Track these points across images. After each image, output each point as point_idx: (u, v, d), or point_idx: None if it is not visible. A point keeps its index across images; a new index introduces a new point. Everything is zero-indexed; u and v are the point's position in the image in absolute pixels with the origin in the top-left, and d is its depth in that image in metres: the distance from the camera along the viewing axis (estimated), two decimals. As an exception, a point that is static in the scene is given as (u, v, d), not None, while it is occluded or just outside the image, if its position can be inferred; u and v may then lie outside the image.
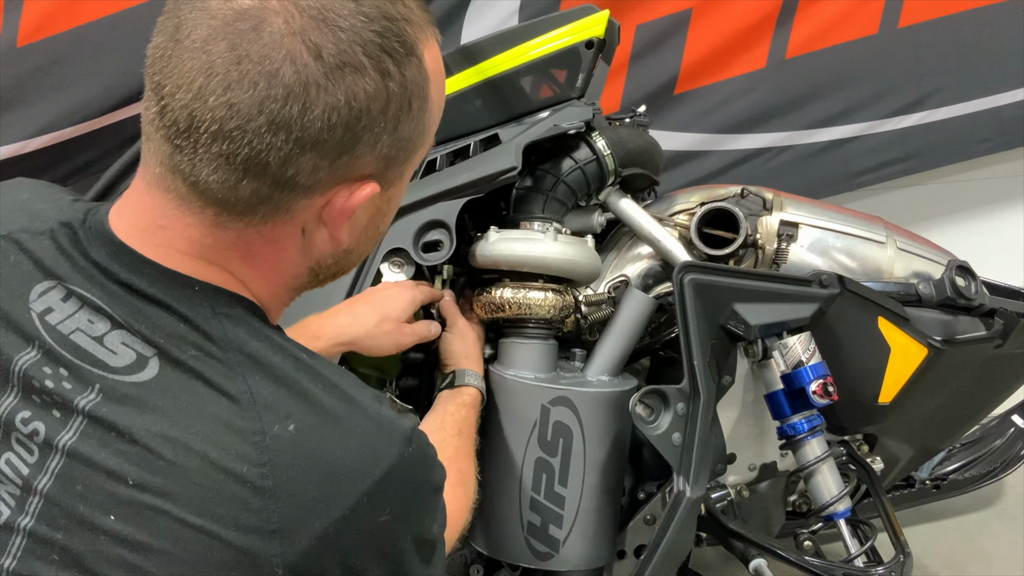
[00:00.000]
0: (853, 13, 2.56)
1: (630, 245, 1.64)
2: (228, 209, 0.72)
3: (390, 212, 0.84)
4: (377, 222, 0.82)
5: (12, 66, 2.14)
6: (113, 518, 0.66)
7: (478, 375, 1.39)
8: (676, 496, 1.35)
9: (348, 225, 0.78)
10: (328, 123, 0.68)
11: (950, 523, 2.29)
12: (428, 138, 0.79)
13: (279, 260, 0.77)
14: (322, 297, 1.40)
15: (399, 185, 0.81)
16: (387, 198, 0.80)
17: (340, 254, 0.81)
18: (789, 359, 1.45)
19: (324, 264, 0.81)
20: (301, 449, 0.69)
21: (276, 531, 0.67)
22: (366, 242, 0.84)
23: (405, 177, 0.81)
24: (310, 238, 0.77)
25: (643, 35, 2.51)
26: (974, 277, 1.62)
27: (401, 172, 0.79)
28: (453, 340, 1.42)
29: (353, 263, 0.85)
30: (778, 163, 2.64)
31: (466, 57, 1.55)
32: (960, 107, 2.65)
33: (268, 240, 0.75)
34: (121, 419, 0.68)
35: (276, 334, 0.77)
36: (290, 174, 0.70)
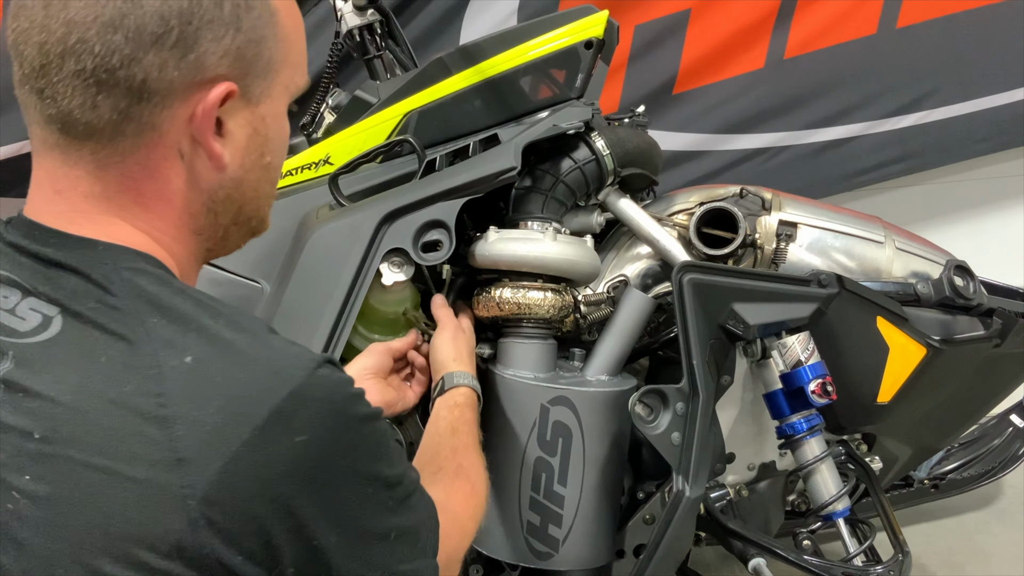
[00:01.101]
0: (851, 13, 2.57)
1: (629, 245, 1.64)
2: (100, 141, 0.74)
3: (273, 138, 0.82)
4: (259, 146, 0.80)
5: (8, 69, 2.14)
6: (28, 478, 0.65)
7: (468, 374, 1.35)
8: (675, 495, 1.36)
9: (225, 143, 0.78)
10: (162, 16, 0.71)
11: (949, 522, 2.29)
12: (291, 55, 0.80)
13: (169, 195, 0.77)
14: (316, 306, 1.40)
15: (270, 105, 0.80)
16: (260, 116, 0.79)
17: (229, 183, 0.80)
18: (788, 359, 1.46)
19: (217, 198, 0.80)
20: (198, 377, 0.68)
21: (180, 460, 0.65)
22: (254, 171, 0.81)
23: (276, 98, 0.80)
24: (191, 165, 0.77)
25: (642, 35, 2.51)
26: (972, 277, 1.62)
27: (268, 89, 0.79)
28: (441, 346, 1.38)
29: (249, 199, 0.83)
30: (777, 163, 2.64)
31: (465, 57, 1.55)
32: (958, 107, 2.66)
33: (150, 172, 0.76)
34: (29, 379, 0.68)
35: (177, 281, 0.77)
36: (140, 78, 0.71)
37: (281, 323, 1.42)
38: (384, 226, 1.42)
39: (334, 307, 1.41)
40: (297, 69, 0.82)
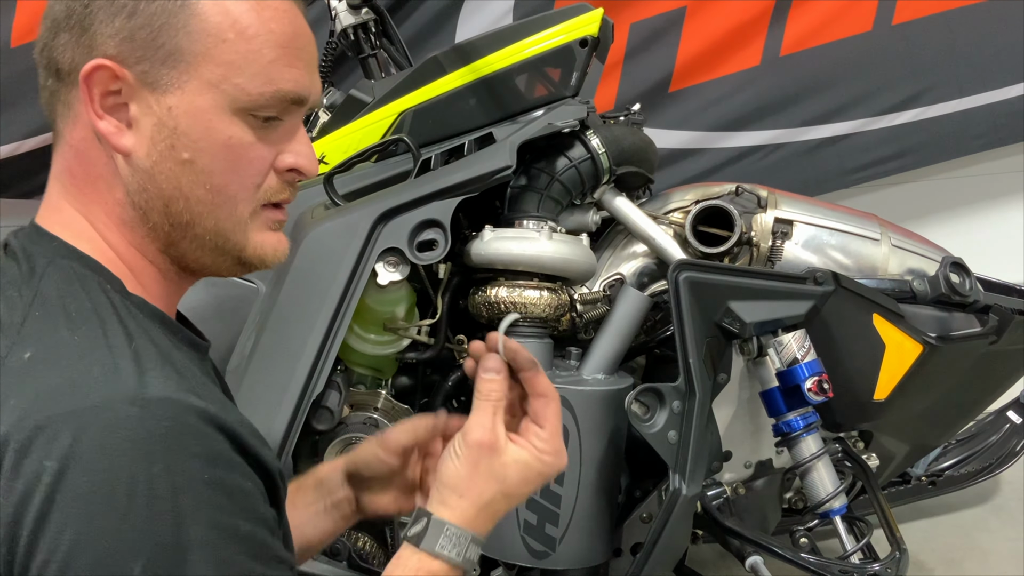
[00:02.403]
0: (847, 10, 2.57)
1: (625, 243, 1.64)
2: (52, 121, 0.81)
3: (188, 133, 0.78)
4: (168, 139, 0.77)
5: (6, 67, 2.14)
6: None
7: (463, 534, 0.88)
8: (672, 494, 1.36)
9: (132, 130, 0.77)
10: (68, 3, 0.77)
11: (946, 519, 2.29)
12: (217, 53, 0.77)
13: (93, 177, 0.80)
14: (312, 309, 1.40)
15: (183, 98, 0.77)
16: (167, 107, 0.77)
17: (140, 174, 0.78)
18: (784, 356, 1.46)
19: (132, 187, 0.79)
20: (19, 375, 0.68)
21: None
22: (166, 164, 0.78)
23: (194, 92, 0.77)
24: (106, 151, 0.79)
25: (637, 33, 2.51)
26: (968, 274, 1.62)
27: (177, 80, 0.77)
28: (448, 458, 0.90)
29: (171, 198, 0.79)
30: (773, 160, 2.64)
31: (460, 56, 1.55)
32: (954, 104, 2.66)
33: (77, 153, 0.80)
34: None
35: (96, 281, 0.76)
36: (55, 58, 0.78)
37: (277, 323, 1.42)
38: (379, 225, 1.42)
39: (329, 307, 1.41)
40: (235, 69, 0.77)
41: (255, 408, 1.37)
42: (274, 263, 0.85)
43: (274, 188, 0.83)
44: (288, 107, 0.81)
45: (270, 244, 0.84)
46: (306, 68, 0.82)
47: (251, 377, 1.41)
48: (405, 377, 1.61)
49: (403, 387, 1.61)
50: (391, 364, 1.57)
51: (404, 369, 1.61)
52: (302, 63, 0.81)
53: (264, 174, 0.82)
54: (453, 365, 1.61)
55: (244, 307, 1.50)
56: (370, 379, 1.57)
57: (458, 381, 1.61)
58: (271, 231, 0.84)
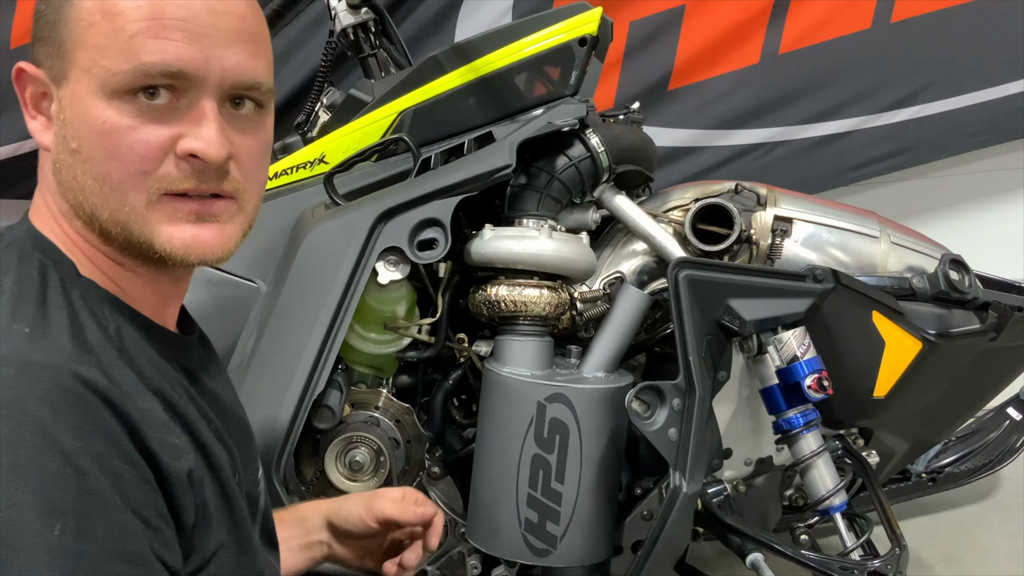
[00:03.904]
0: (846, 8, 2.57)
1: (625, 242, 1.64)
2: None
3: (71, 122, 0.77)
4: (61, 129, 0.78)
5: (5, 68, 2.14)
6: None
7: None
8: (672, 491, 1.36)
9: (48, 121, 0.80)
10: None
11: (946, 516, 2.30)
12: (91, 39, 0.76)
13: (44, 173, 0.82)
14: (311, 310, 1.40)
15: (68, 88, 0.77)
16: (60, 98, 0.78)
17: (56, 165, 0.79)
18: (784, 354, 1.46)
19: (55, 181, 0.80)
20: None
21: None
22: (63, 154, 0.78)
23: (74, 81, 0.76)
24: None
25: (636, 32, 2.51)
26: (968, 271, 1.62)
27: (64, 71, 0.77)
28: None
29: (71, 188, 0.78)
30: (772, 158, 2.64)
31: (459, 55, 1.55)
32: (953, 101, 2.66)
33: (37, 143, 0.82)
34: None
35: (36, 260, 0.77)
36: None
37: (278, 323, 1.42)
38: (380, 225, 1.43)
39: (330, 306, 1.41)
40: (104, 53, 0.75)
41: (257, 407, 1.37)
42: (195, 258, 0.79)
43: (173, 175, 0.77)
44: (173, 84, 0.76)
45: (181, 237, 0.78)
46: (192, 44, 0.75)
47: (252, 376, 1.42)
48: (406, 376, 1.62)
49: (404, 386, 1.62)
50: (392, 363, 1.58)
51: (405, 368, 1.61)
52: (178, 33, 0.75)
53: (152, 160, 0.76)
54: (453, 364, 1.61)
55: (245, 307, 1.50)
56: (371, 378, 1.58)
57: (459, 380, 1.61)
58: (187, 223, 0.78)
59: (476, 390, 1.57)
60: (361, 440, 1.50)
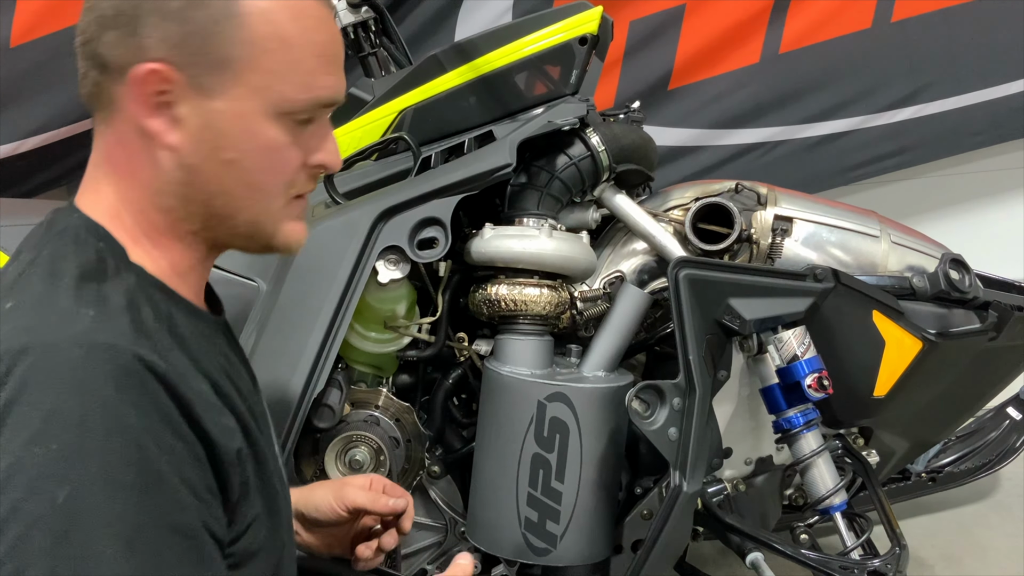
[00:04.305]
0: (846, 7, 2.56)
1: (625, 241, 1.64)
2: (94, 110, 0.85)
3: (233, 136, 0.82)
4: (214, 140, 0.82)
5: (5, 67, 2.14)
6: None
7: None
8: (673, 491, 1.36)
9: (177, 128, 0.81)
10: (116, 3, 0.80)
11: (946, 515, 2.30)
12: (267, 65, 0.81)
13: (135, 168, 0.83)
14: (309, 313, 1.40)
15: (230, 103, 0.81)
16: (216, 110, 0.81)
17: (184, 169, 0.82)
18: (784, 353, 1.46)
19: (175, 179, 0.83)
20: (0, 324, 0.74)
21: None
22: (211, 164, 0.83)
23: (240, 98, 0.81)
24: (151, 144, 0.82)
25: (637, 31, 2.51)
26: (968, 270, 1.62)
27: (224, 86, 0.81)
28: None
29: (214, 193, 0.84)
30: (772, 158, 2.64)
31: (460, 54, 1.55)
32: (953, 101, 2.65)
33: (120, 143, 0.84)
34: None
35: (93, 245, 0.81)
36: (101, 52, 0.81)
37: (278, 322, 1.42)
38: (380, 224, 1.43)
39: (330, 305, 1.41)
40: (279, 77, 0.82)
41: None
42: (298, 249, 0.91)
43: (302, 182, 0.88)
44: (321, 109, 0.86)
45: (296, 232, 0.90)
46: (338, 72, 0.86)
47: (252, 375, 1.41)
48: (406, 375, 1.62)
49: (404, 385, 1.62)
50: (392, 362, 1.58)
51: (405, 367, 1.61)
52: (335, 68, 0.86)
53: (296, 171, 0.87)
54: (454, 363, 1.61)
55: (244, 306, 1.50)
56: (371, 377, 1.58)
57: (459, 379, 1.61)
58: (297, 220, 0.90)
59: (476, 389, 1.57)
60: (361, 439, 1.50)
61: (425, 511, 1.62)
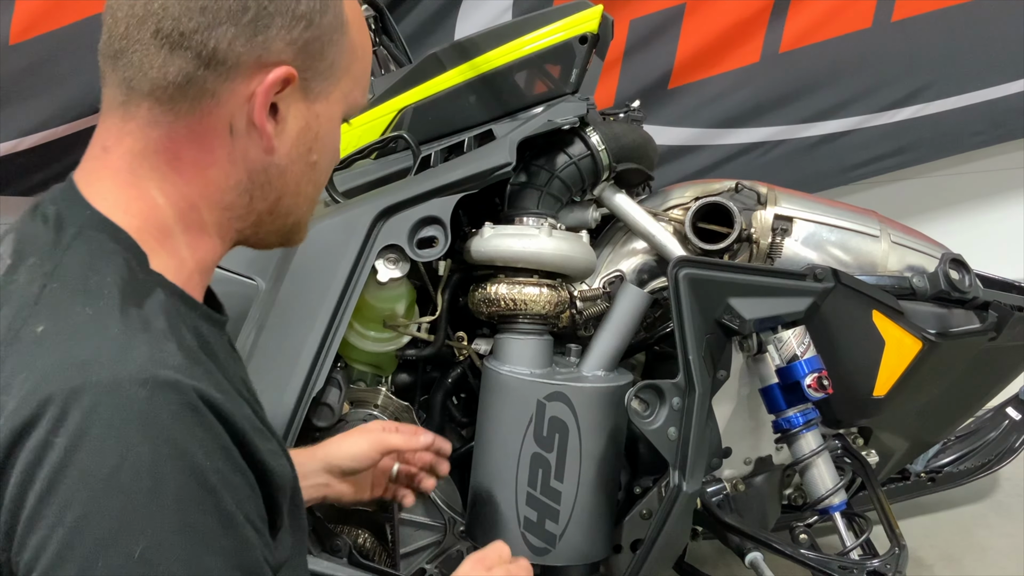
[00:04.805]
0: (847, 7, 2.57)
1: (625, 240, 1.64)
2: (160, 99, 0.77)
3: (323, 138, 0.85)
4: (309, 142, 0.83)
5: (4, 65, 2.14)
6: None
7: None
8: (672, 490, 1.36)
9: (277, 129, 0.80)
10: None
11: (945, 515, 2.30)
12: (354, 68, 0.85)
13: (206, 163, 0.80)
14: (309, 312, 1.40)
15: (327, 107, 0.84)
16: (315, 113, 0.83)
17: (272, 169, 0.82)
18: (784, 353, 1.46)
19: (257, 180, 0.82)
20: (32, 349, 0.68)
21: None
22: (299, 165, 0.83)
23: (334, 102, 0.84)
24: (238, 141, 0.80)
25: (637, 30, 2.51)
26: (968, 270, 1.62)
27: (327, 90, 0.83)
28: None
29: (289, 192, 0.84)
30: (772, 157, 2.64)
31: (460, 53, 1.55)
32: (953, 100, 2.66)
33: (195, 137, 0.79)
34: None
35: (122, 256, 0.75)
36: (211, 46, 0.76)
37: (277, 320, 1.42)
38: (379, 222, 1.42)
39: (330, 304, 1.41)
40: (358, 84, 0.86)
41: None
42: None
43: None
44: None
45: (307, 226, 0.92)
46: None
47: (251, 374, 1.40)
48: (405, 374, 1.61)
49: (403, 384, 1.61)
50: (391, 361, 1.58)
51: (404, 366, 1.61)
52: None
53: None
54: (453, 362, 1.61)
55: (243, 304, 1.50)
56: (370, 376, 1.57)
57: (458, 378, 1.61)
58: None
59: (475, 388, 1.57)
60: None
61: (424, 510, 1.62)
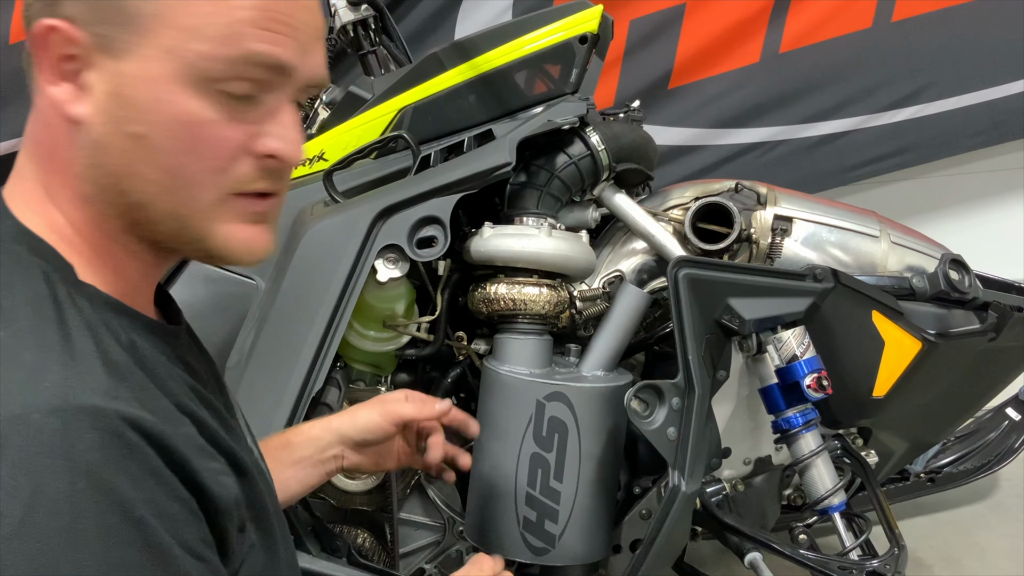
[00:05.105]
0: (847, 7, 2.57)
1: (624, 240, 1.64)
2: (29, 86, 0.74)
3: (142, 105, 0.70)
4: (121, 109, 0.70)
5: (5, 63, 2.14)
6: None
7: None
8: (671, 491, 1.36)
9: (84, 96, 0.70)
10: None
11: (945, 516, 2.30)
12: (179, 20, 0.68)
13: (53, 148, 0.73)
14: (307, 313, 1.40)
15: (140, 65, 0.69)
16: (124, 74, 0.69)
17: (90, 145, 0.71)
18: (783, 353, 1.46)
19: (84, 160, 0.72)
20: None
21: None
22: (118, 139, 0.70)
23: (150, 59, 0.69)
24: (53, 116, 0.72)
25: (637, 30, 2.51)
26: (967, 270, 1.62)
27: (134, 46, 0.69)
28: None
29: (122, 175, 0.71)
30: (772, 157, 2.64)
31: (459, 53, 1.55)
32: (953, 101, 2.66)
33: (40, 119, 0.74)
34: None
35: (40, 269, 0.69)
36: (27, 17, 0.72)
37: (276, 320, 1.42)
38: (379, 222, 1.42)
39: (329, 304, 1.41)
40: (199, 35, 0.68)
41: (255, 405, 1.37)
42: (248, 260, 0.76)
43: (248, 175, 0.73)
44: (266, 79, 0.71)
45: (240, 238, 0.74)
46: (293, 38, 0.72)
47: (251, 374, 1.41)
48: (404, 374, 1.61)
49: (403, 383, 1.61)
50: (391, 361, 1.58)
51: (403, 366, 1.61)
52: (288, 30, 0.71)
53: (231, 158, 0.72)
54: (452, 362, 1.61)
55: (243, 303, 1.50)
56: (369, 376, 1.57)
57: (458, 378, 1.61)
58: (246, 223, 0.74)
59: (475, 388, 1.57)
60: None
61: (423, 510, 1.62)
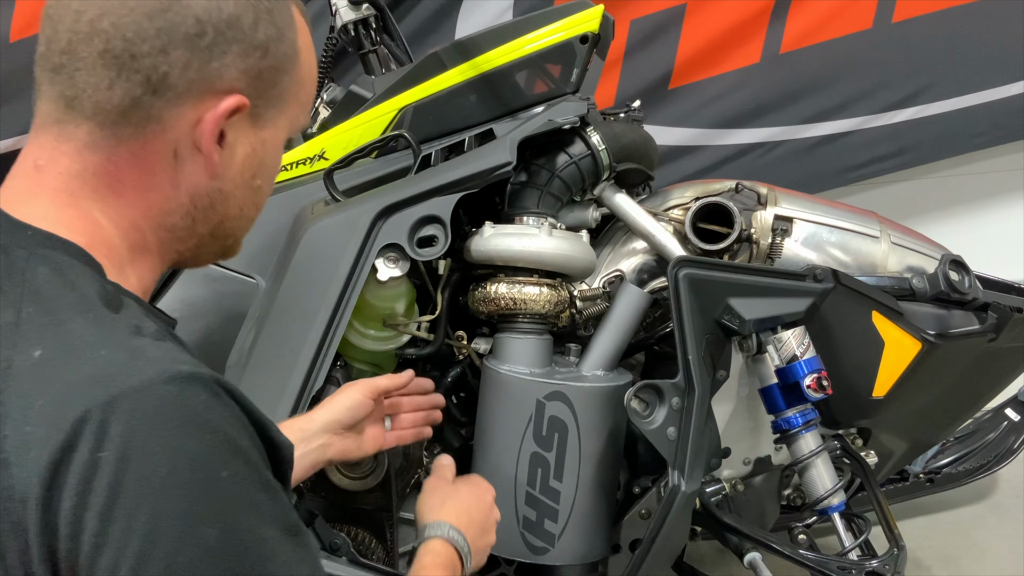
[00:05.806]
0: (847, 8, 2.56)
1: (625, 240, 1.64)
2: (103, 123, 0.76)
3: (268, 164, 0.85)
4: (254, 167, 0.83)
5: (5, 62, 2.14)
6: None
7: (444, 524, 1.18)
8: (671, 490, 1.36)
9: (223, 154, 0.80)
10: (199, 20, 0.75)
11: (944, 516, 2.30)
12: (301, 96, 0.86)
13: (148, 187, 0.79)
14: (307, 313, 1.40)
15: (273, 133, 0.84)
16: (261, 139, 0.83)
17: (216, 194, 0.82)
18: (783, 353, 1.46)
19: (200, 204, 0.82)
20: (36, 373, 0.66)
21: (3, 460, 0.63)
22: (243, 189, 0.84)
23: (280, 128, 0.85)
24: (183, 166, 0.79)
25: (637, 30, 2.51)
26: (967, 271, 1.62)
27: (275, 118, 0.83)
28: (422, 499, 1.25)
29: (232, 215, 0.85)
30: (772, 158, 2.64)
31: (460, 52, 1.55)
32: (954, 102, 2.65)
33: (138, 162, 0.78)
34: None
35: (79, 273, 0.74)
36: (163, 71, 0.75)
37: (276, 319, 1.42)
38: (379, 221, 1.42)
39: (329, 303, 1.41)
40: (304, 109, 0.87)
41: (255, 403, 1.37)
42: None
43: None
44: None
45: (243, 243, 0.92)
46: None
47: (251, 372, 1.41)
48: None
49: (402, 383, 1.61)
50: (391, 360, 1.58)
51: (404, 365, 1.60)
52: None
53: None
54: (452, 361, 1.61)
55: (243, 302, 1.50)
56: (369, 374, 1.57)
57: (458, 377, 1.61)
58: None
59: (475, 388, 1.57)
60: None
61: (423, 509, 1.62)
